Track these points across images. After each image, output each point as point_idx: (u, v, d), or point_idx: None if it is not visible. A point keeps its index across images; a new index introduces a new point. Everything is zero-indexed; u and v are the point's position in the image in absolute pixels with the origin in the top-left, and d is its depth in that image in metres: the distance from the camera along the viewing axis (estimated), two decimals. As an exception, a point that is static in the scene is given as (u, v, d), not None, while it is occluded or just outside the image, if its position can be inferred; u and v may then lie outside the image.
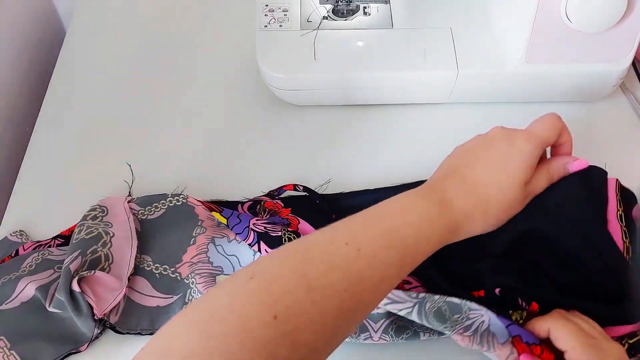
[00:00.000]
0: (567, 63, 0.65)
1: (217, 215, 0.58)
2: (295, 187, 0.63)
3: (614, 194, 0.56)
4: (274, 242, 0.55)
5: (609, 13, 0.60)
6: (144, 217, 0.60)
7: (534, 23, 0.62)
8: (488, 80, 0.67)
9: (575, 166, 0.55)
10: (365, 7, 0.71)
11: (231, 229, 0.57)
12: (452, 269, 0.55)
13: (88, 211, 0.60)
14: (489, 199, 0.50)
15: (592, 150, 0.67)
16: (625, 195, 0.57)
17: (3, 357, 0.52)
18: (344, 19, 0.70)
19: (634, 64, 0.72)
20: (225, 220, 0.57)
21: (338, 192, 0.63)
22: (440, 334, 0.52)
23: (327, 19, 0.70)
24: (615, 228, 0.55)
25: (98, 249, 0.56)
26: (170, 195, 0.61)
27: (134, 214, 0.60)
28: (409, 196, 0.49)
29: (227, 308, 0.38)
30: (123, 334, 0.55)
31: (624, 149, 0.67)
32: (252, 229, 0.56)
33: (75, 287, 0.52)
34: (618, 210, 0.55)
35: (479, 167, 0.52)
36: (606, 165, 0.58)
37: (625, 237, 0.55)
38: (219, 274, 0.56)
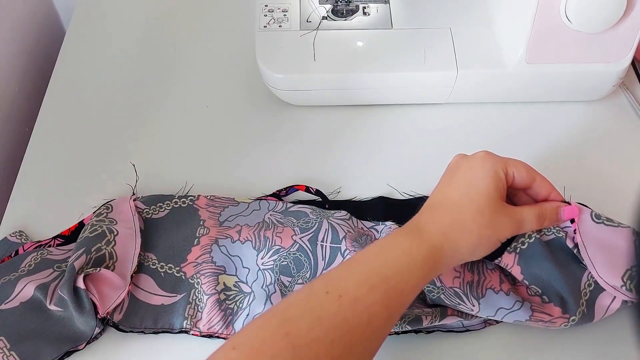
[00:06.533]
0: (567, 63, 0.65)
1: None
2: (307, 188, 0.63)
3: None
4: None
5: (608, 13, 0.60)
6: (148, 216, 0.60)
7: (534, 23, 0.62)
8: (488, 81, 0.67)
9: (566, 213, 0.54)
10: (364, 7, 0.71)
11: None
12: None
13: (95, 209, 0.60)
14: (463, 214, 0.49)
15: (591, 150, 0.67)
16: None
17: (3, 357, 0.52)
18: (344, 19, 0.70)
19: (633, 63, 0.72)
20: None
21: (346, 198, 0.63)
22: (442, 315, 0.53)
23: (326, 19, 0.70)
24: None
25: (102, 247, 0.56)
26: (176, 197, 0.61)
27: (138, 212, 0.60)
28: (385, 238, 0.49)
29: None
30: (126, 332, 0.55)
31: (624, 148, 0.67)
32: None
33: (80, 284, 0.52)
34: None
35: (447, 192, 0.51)
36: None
37: None
38: (222, 273, 0.56)
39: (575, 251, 0.54)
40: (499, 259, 0.53)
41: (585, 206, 0.56)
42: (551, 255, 0.53)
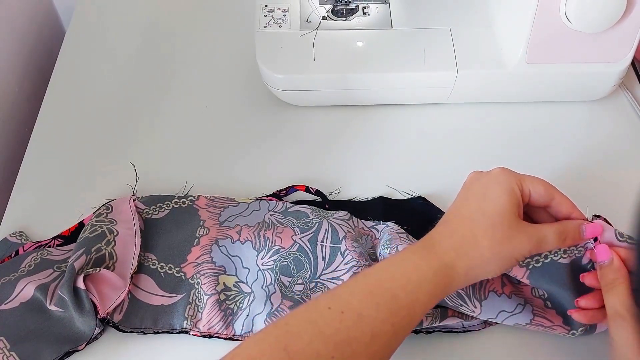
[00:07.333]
0: (567, 63, 0.65)
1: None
2: (307, 189, 0.63)
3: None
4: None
5: (608, 13, 0.60)
6: (148, 216, 0.60)
7: (534, 23, 0.62)
8: (488, 81, 0.67)
9: (588, 231, 0.51)
10: (364, 8, 0.71)
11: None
12: None
13: (95, 209, 0.60)
14: (476, 229, 0.48)
15: (591, 150, 0.67)
16: None
17: (3, 357, 0.52)
18: (344, 19, 0.70)
19: (633, 63, 0.72)
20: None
21: (346, 198, 0.63)
22: (442, 316, 0.52)
23: (326, 19, 0.70)
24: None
25: (102, 248, 0.56)
26: (176, 197, 0.61)
27: (138, 212, 0.60)
28: (396, 253, 0.48)
29: None
30: (126, 332, 0.55)
31: (624, 148, 0.67)
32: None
33: (81, 284, 0.53)
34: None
35: (461, 208, 0.50)
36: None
37: None
38: (222, 274, 0.56)
39: (589, 266, 0.52)
40: (510, 269, 0.52)
41: (608, 223, 0.53)
42: (565, 279, 0.52)
